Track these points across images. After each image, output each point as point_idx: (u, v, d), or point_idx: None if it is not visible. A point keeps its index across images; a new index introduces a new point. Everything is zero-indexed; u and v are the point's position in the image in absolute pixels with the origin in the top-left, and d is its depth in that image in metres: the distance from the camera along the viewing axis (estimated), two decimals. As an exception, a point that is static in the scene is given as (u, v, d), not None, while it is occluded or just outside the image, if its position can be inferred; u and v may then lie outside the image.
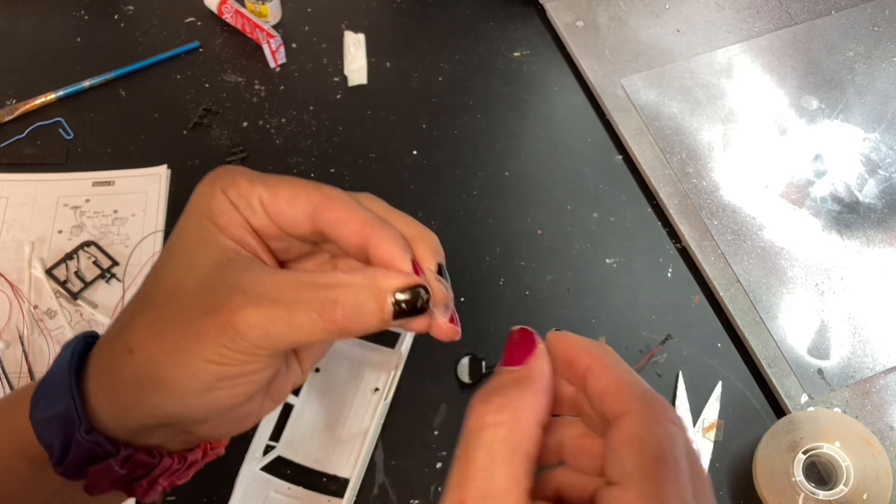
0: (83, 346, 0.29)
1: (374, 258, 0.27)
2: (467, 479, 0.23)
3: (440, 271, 0.28)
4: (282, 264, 0.30)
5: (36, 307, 0.61)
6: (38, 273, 0.62)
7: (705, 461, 0.56)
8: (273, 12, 0.78)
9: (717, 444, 0.57)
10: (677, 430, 0.23)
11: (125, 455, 0.28)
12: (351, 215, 0.27)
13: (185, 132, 0.71)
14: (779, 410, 0.59)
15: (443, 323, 0.27)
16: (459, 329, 0.28)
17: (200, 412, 0.27)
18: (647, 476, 0.22)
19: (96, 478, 0.27)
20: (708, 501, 0.24)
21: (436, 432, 0.57)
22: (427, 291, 0.26)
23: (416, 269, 0.27)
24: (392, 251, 0.26)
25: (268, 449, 0.55)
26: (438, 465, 0.56)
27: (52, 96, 0.72)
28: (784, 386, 0.58)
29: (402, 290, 0.26)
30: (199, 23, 0.79)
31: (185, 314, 0.26)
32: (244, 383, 0.27)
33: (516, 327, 0.26)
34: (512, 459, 0.23)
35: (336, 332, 0.25)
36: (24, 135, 0.70)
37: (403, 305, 0.25)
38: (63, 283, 0.61)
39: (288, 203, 0.27)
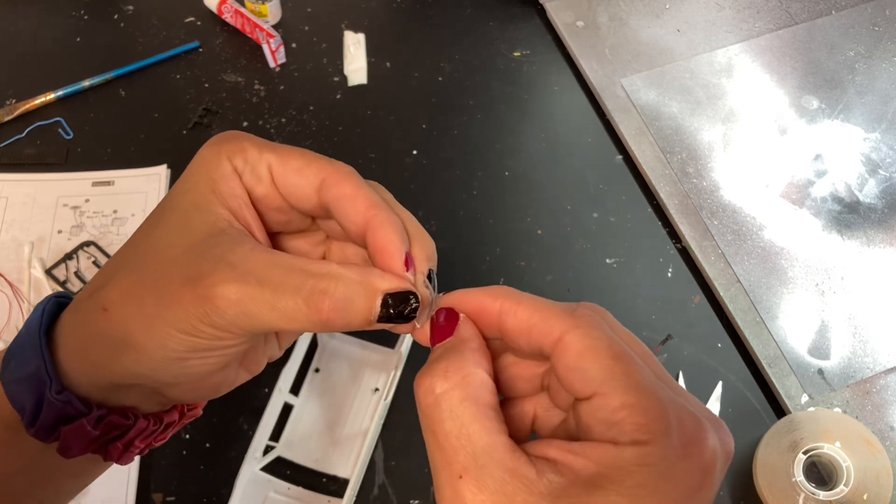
0: (55, 307, 0.28)
1: (371, 242, 0.26)
2: (449, 453, 0.23)
3: (429, 277, 0.27)
4: (274, 237, 0.30)
5: (36, 307, 0.61)
6: (38, 273, 0.62)
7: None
8: (273, 12, 0.78)
9: (718, 445, 0.57)
10: (607, 328, 0.24)
11: (98, 415, 0.27)
12: (359, 193, 0.26)
13: (184, 132, 0.71)
14: (779, 410, 0.59)
15: (427, 329, 0.27)
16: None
17: (171, 377, 0.27)
18: (616, 375, 0.23)
19: (69, 439, 0.27)
20: (664, 372, 0.25)
21: (436, 432, 0.57)
22: (417, 300, 0.26)
23: (409, 262, 0.26)
24: (390, 238, 0.26)
25: (268, 449, 0.55)
26: (438, 465, 0.56)
27: (51, 96, 0.72)
28: (784, 386, 0.58)
29: (393, 295, 0.25)
30: (198, 23, 0.79)
31: (166, 279, 0.25)
32: (216, 356, 0.26)
33: (440, 309, 0.27)
34: (480, 414, 0.23)
35: (319, 323, 0.25)
36: (23, 135, 0.70)
37: (391, 310, 0.25)
38: (63, 284, 0.61)
39: (297, 172, 0.27)
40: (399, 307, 0.25)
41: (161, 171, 0.68)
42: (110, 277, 0.27)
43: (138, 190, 0.67)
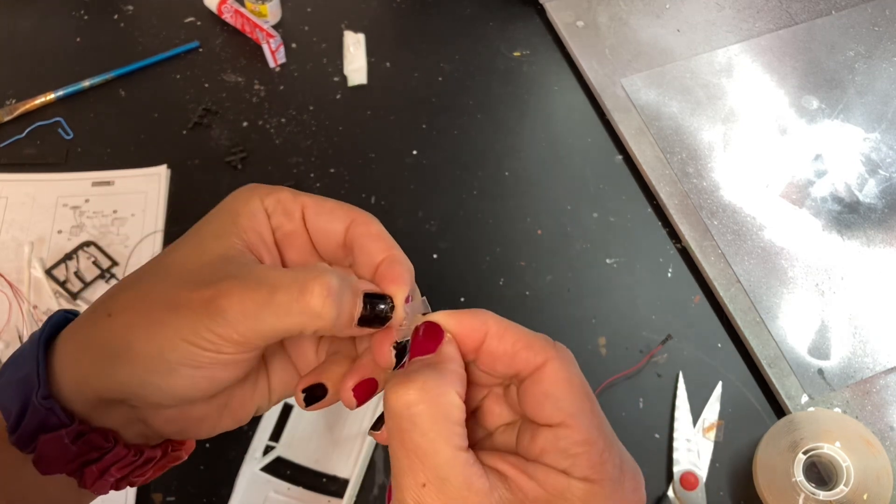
0: (62, 319, 0.30)
1: (387, 272, 0.29)
2: (415, 462, 0.25)
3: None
4: None
5: (35, 307, 0.61)
6: (38, 273, 0.62)
7: (706, 461, 0.56)
8: (273, 12, 0.78)
9: (718, 445, 0.57)
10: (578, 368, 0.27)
11: (78, 430, 0.27)
12: (383, 235, 0.30)
13: (184, 132, 0.71)
14: (779, 410, 0.59)
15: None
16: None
17: (158, 394, 0.27)
18: (584, 412, 0.25)
19: (46, 448, 0.27)
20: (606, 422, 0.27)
21: (436, 432, 0.57)
22: (391, 304, 0.28)
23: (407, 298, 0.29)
24: (402, 274, 0.29)
25: (268, 449, 0.55)
26: (438, 465, 0.56)
27: (51, 96, 0.72)
28: (784, 386, 0.58)
29: (372, 295, 0.28)
30: (198, 23, 0.79)
31: (172, 287, 0.27)
32: (208, 376, 0.27)
33: (420, 323, 0.28)
34: (447, 431, 0.25)
35: (312, 314, 0.26)
36: (23, 135, 0.70)
37: (372, 308, 0.28)
38: (63, 284, 0.61)
39: (329, 213, 0.30)
40: (377, 307, 0.28)
41: (161, 171, 0.68)
42: (121, 289, 0.28)
43: (138, 190, 0.67)
